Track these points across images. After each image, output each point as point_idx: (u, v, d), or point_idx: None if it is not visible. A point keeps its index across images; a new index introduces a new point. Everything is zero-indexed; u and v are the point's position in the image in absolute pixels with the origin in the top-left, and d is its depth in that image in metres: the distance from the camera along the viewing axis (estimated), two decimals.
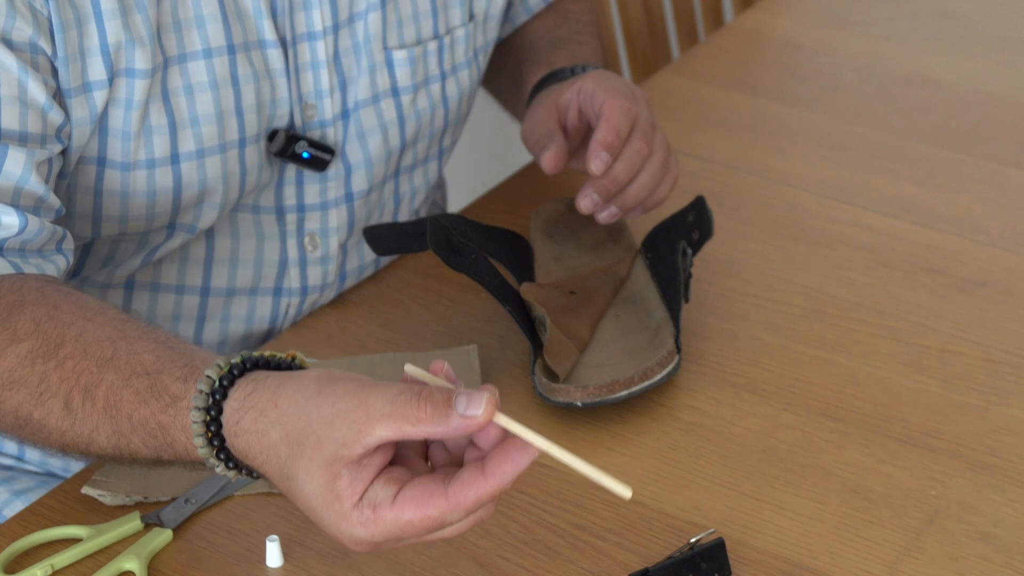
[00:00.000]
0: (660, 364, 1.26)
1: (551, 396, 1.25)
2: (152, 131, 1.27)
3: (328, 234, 1.40)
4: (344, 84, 1.36)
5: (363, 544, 0.98)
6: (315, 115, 1.35)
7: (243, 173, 1.32)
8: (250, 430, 1.00)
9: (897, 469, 1.23)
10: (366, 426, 0.95)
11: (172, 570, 1.15)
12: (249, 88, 1.30)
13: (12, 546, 1.16)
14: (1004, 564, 1.14)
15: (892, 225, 1.50)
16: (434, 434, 0.95)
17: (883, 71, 1.75)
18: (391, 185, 1.44)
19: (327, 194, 1.39)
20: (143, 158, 1.27)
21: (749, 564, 1.15)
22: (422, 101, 1.41)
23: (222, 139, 1.30)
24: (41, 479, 1.42)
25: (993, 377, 1.31)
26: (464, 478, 0.96)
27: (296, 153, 1.34)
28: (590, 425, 1.27)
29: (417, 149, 1.44)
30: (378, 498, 0.96)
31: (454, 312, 1.40)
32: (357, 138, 1.38)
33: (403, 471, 0.97)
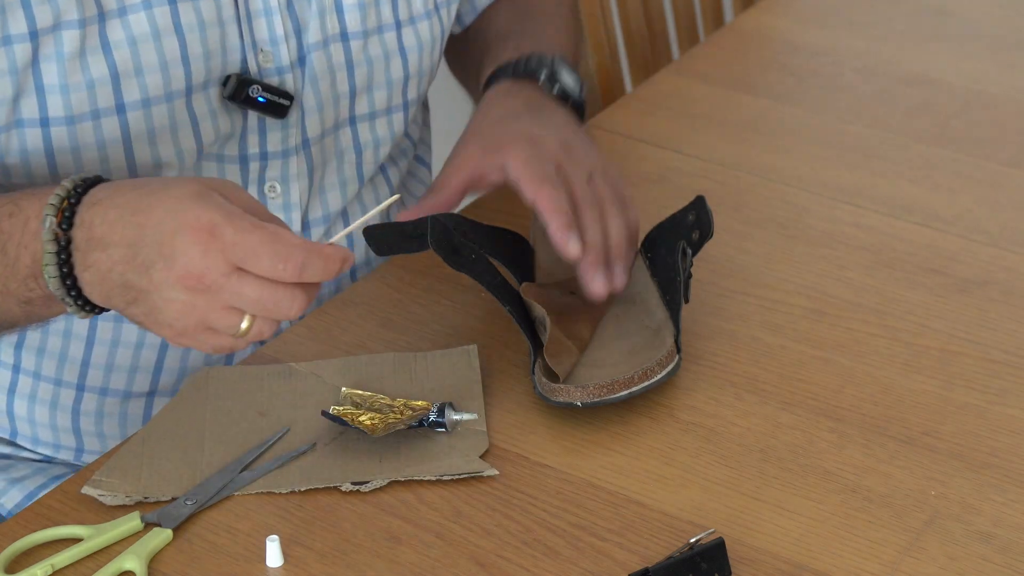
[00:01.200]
0: (660, 364, 1.26)
1: (551, 396, 1.25)
2: (94, 83, 1.27)
3: (288, 180, 1.41)
4: (299, 30, 1.37)
5: (204, 236, 1.09)
6: (271, 61, 1.36)
7: (194, 121, 1.33)
8: (100, 198, 1.12)
9: (897, 469, 1.23)
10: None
11: (172, 570, 1.15)
12: (194, 36, 1.31)
13: (12, 546, 1.16)
14: (1004, 564, 1.14)
15: (892, 225, 1.50)
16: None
17: (883, 71, 1.75)
18: (348, 133, 1.44)
19: (288, 141, 1.39)
20: (87, 110, 1.28)
21: (749, 564, 1.15)
22: (374, 48, 1.42)
23: (168, 88, 1.30)
24: (38, 466, 1.43)
25: (993, 377, 1.31)
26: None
27: (251, 98, 1.35)
28: (590, 425, 1.27)
29: (374, 97, 1.44)
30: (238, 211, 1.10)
31: (454, 312, 1.40)
32: (310, 82, 1.39)
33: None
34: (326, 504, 1.20)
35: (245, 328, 1.12)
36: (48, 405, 1.42)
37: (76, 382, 1.41)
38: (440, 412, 1.24)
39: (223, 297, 1.10)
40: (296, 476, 1.22)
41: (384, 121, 1.46)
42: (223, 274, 1.10)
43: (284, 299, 1.11)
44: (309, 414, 1.27)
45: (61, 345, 1.40)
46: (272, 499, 1.21)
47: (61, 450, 1.44)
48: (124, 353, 1.40)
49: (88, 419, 1.42)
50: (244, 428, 1.27)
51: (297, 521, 1.19)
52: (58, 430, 1.43)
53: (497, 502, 1.20)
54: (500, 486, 1.21)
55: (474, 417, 1.26)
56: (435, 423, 1.24)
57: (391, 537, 1.17)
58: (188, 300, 1.11)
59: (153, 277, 1.11)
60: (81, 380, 1.41)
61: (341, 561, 1.16)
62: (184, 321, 1.12)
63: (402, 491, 1.21)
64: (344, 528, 1.18)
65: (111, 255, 1.12)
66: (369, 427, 1.23)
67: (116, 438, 1.42)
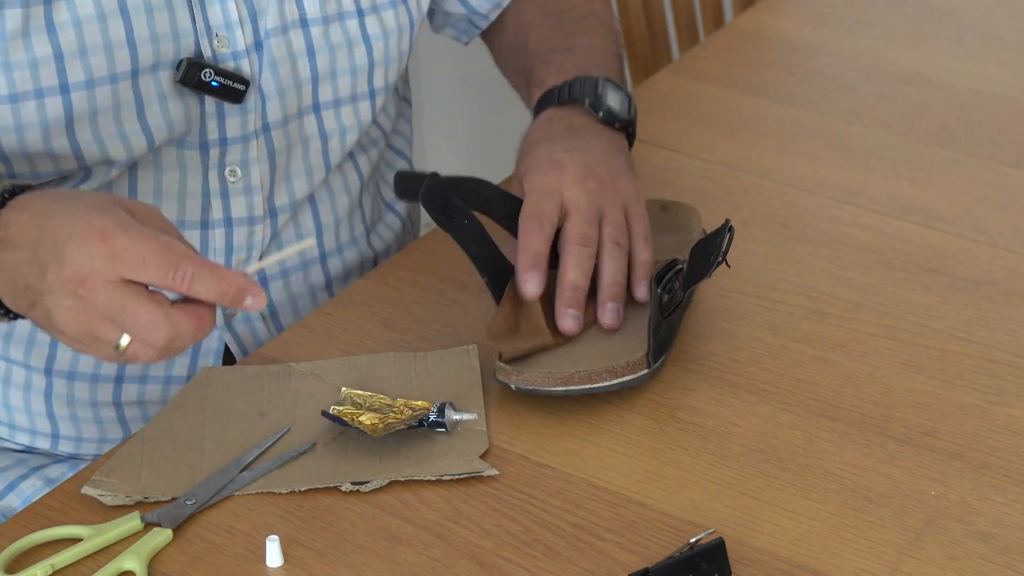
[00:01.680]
0: (610, 372, 1.26)
1: (496, 373, 1.27)
2: (37, 62, 1.28)
3: (248, 164, 1.41)
4: (255, 15, 1.37)
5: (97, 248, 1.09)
6: (227, 46, 1.36)
7: (139, 103, 1.33)
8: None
9: (897, 469, 1.23)
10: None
11: (172, 570, 1.15)
12: (141, 19, 1.31)
13: (12, 546, 1.16)
14: (1004, 564, 1.14)
15: (892, 225, 1.50)
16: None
17: (883, 71, 1.75)
18: (312, 119, 1.44)
19: (247, 126, 1.40)
20: (31, 88, 1.29)
21: (749, 564, 1.15)
22: (335, 35, 1.42)
23: (112, 70, 1.31)
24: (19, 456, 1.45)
25: (993, 377, 1.31)
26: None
27: (205, 82, 1.35)
28: (590, 425, 1.27)
29: (338, 84, 1.44)
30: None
31: (454, 312, 1.40)
32: (269, 67, 1.39)
33: None
34: (326, 504, 1.20)
35: (124, 345, 1.11)
36: (22, 388, 1.42)
37: (44, 367, 1.41)
38: (440, 412, 1.24)
39: (100, 305, 1.10)
40: (296, 476, 1.22)
41: (350, 109, 1.46)
42: (105, 280, 1.10)
43: (146, 323, 1.10)
44: (309, 414, 1.27)
45: (29, 329, 1.41)
46: (272, 499, 1.21)
47: (38, 437, 1.44)
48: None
49: (60, 402, 1.42)
50: (244, 428, 1.27)
51: (297, 521, 1.19)
52: (33, 414, 1.43)
53: (497, 502, 1.20)
54: (500, 486, 1.21)
55: (474, 417, 1.26)
56: (435, 423, 1.24)
57: (391, 537, 1.17)
58: (73, 306, 1.11)
59: (46, 279, 1.12)
60: (49, 364, 1.41)
61: (341, 561, 1.16)
62: (72, 328, 1.12)
63: (402, 491, 1.21)
64: (344, 528, 1.18)
65: (17, 255, 1.14)
66: (369, 427, 1.23)
67: (89, 421, 1.43)
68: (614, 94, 1.45)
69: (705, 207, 1.48)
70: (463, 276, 1.41)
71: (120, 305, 1.10)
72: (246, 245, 1.44)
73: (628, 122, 1.46)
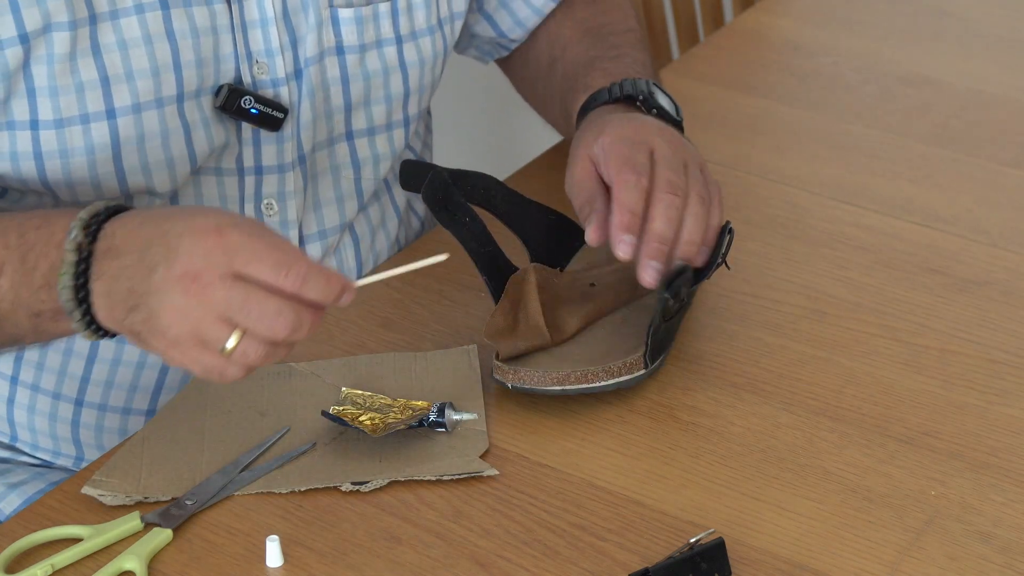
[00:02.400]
0: (607, 372, 1.26)
1: (494, 373, 1.27)
2: (84, 86, 1.27)
3: (285, 198, 1.40)
4: (295, 42, 1.36)
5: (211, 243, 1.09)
6: (267, 73, 1.35)
7: (186, 129, 1.32)
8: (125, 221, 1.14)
9: (897, 469, 1.23)
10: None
11: (172, 570, 1.15)
12: (187, 43, 1.30)
13: (12, 546, 1.16)
14: (1004, 564, 1.14)
15: (892, 225, 1.50)
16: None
17: (883, 71, 1.75)
18: (344, 147, 1.43)
19: (284, 156, 1.39)
20: (76, 113, 1.27)
21: (749, 564, 1.15)
22: (372, 62, 1.41)
23: (158, 94, 1.30)
24: (36, 471, 1.43)
25: (993, 377, 1.31)
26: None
27: (244, 109, 1.34)
28: (590, 425, 1.27)
29: (372, 112, 1.43)
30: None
31: (454, 312, 1.40)
32: (308, 96, 1.38)
33: None
34: (326, 504, 1.20)
35: (232, 345, 1.10)
36: (47, 416, 1.41)
37: (75, 397, 1.40)
38: (440, 412, 1.24)
39: (216, 300, 1.09)
40: (296, 476, 1.22)
41: (384, 137, 1.45)
42: (220, 275, 1.09)
43: (272, 312, 1.09)
44: (309, 414, 1.27)
45: (61, 361, 1.39)
46: (272, 499, 1.21)
47: (60, 456, 1.43)
48: (125, 372, 1.40)
49: (88, 431, 1.42)
50: (244, 428, 1.27)
51: (297, 521, 1.19)
52: (58, 439, 1.42)
53: (497, 502, 1.20)
54: (500, 486, 1.21)
55: (474, 417, 1.26)
56: (435, 423, 1.24)
57: (391, 537, 1.17)
58: (183, 303, 1.09)
59: (154, 278, 1.10)
60: (80, 396, 1.40)
61: (341, 561, 1.16)
62: (177, 328, 1.10)
63: (402, 491, 1.21)
64: (344, 528, 1.18)
65: (122, 261, 1.13)
66: (369, 427, 1.23)
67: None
68: (663, 96, 1.41)
69: None
70: (463, 276, 1.41)
71: (243, 297, 1.08)
72: None
73: (677, 123, 1.41)
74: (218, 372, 1.11)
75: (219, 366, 1.11)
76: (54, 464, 1.44)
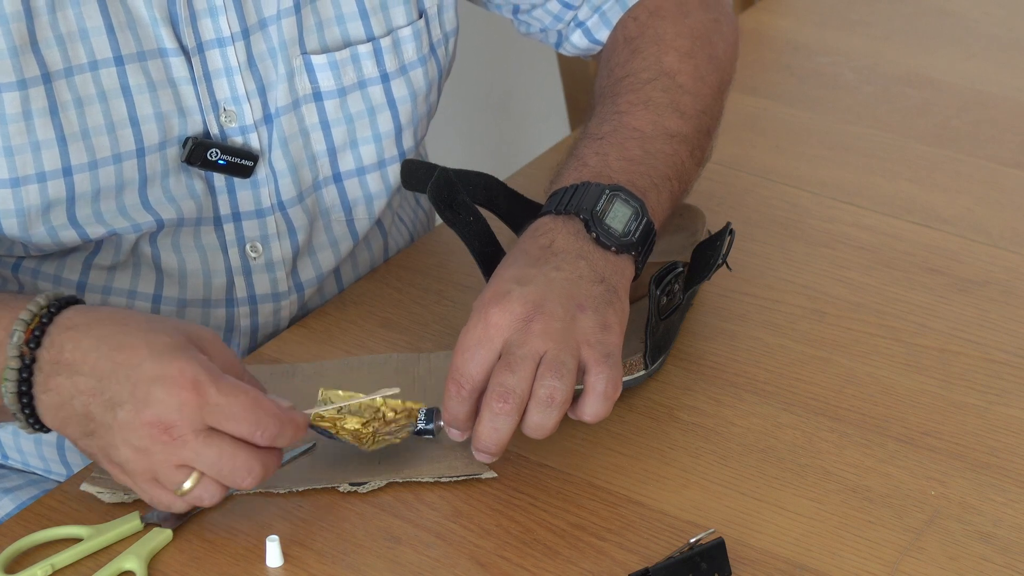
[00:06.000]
0: None
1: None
2: (40, 145, 1.25)
3: (268, 240, 1.38)
4: (263, 89, 1.34)
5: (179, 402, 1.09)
6: (235, 121, 1.33)
7: (143, 181, 1.30)
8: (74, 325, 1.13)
9: (897, 469, 1.23)
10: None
11: (172, 570, 1.15)
12: (144, 98, 1.28)
13: (12, 546, 1.16)
14: (1004, 564, 1.14)
15: (892, 225, 1.50)
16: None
17: (883, 71, 1.75)
18: (332, 190, 1.40)
19: (261, 201, 1.36)
20: (32, 172, 1.25)
21: (749, 564, 1.15)
22: (355, 104, 1.38)
23: (115, 150, 1.28)
24: (31, 478, 1.42)
25: (993, 377, 1.31)
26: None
27: (211, 161, 1.32)
28: (589, 425, 1.27)
29: (360, 153, 1.40)
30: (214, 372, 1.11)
31: (454, 312, 1.40)
32: (279, 144, 1.35)
33: None
34: (326, 504, 1.20)
35: (188, 488, 1.12)
36: (32, 440, 1.41)
37: None
38: (428, 419, 1.23)
39: (182, 453, 1.10)
40: (295, 476, 1.22)
41: (376, 176, 1.41)
42: (192, 431, 1.10)
43: (242, 467, 1.11)
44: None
45: None
46: (272, 499, 1.21)
47: (52, 474, 1.42)
48: None
49: (74, 452, 1.40)
50: None
51: (297, 521, 1.19)
52: (47, 460, 1.41)
53: (497, 502, 1.20)
54: (500, 486, 1.21)
55: None
56: (423, 431, 1.23)
57: (391, 537, 1.17)
58: (145, 447, 1.10)
59: (118, 415, 1.11)
60: None
61: (341, 561, 1.16)
62: (135, 466, 1.12)
63: (402, 491, 1.21)
64: (344, 528, 1.18)
65: (76, 383, 1.12)
66: (353, 438, 1.21)
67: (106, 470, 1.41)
68: (620, 210, 1.24)
69: (705, 207, 1.48)
70: (463, 276, 1.41)
71: (216, 455, 1.11)
72: (272, 322, 1.41)
73: (627, 245, 1.24)
74: (165, 505, 1.14)
75: (168, 501, 1.14)
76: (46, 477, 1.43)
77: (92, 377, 1.12)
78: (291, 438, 1.13)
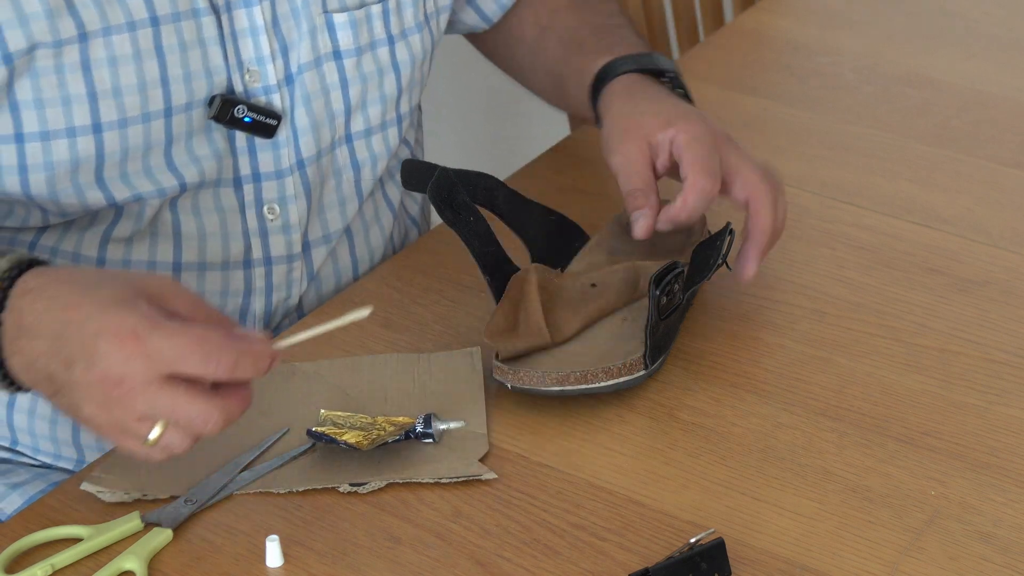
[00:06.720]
0: (607, 373, 1.26)
1: (494, 373, 1.27)
2: (71, 100, 1.27)
3: (286, 202, 1.40)
4: (286, 49, 1.36)
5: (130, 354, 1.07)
6: (258, 81, 1.35)
7: (169, 141, 1.32)
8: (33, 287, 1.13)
9: (897, 469, 1.23)
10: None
11: (172, 570, 1.15)
12: (174, 59, 1.30)
13: (12, 546, 1.16)
14: (1004, 564, 1.14)
15: (892, 225, 1.50)
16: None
17: (883, 71, 1.75)
18: (344, 150, 1.44)
19: (281, 162, 1.39)
20: (62, 127, 1.27)
21: (749, 564, 1.15)
22: (368, 64, 1.42)
23: (145, 109, 1.30)
24: (38, 471, 1.43)
25: (993, 377, 1.31)
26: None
27: (237, 118, 1.34)
28: (590, 425, 1.27)
29: (369, 114, 1.44)
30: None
31: (455, 312, 1.40)
32: (303, 102, 1.38)
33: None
34: (326, 504, 1.20)
35: (154, 438, 1.10)
36: (48, 420, 1.41)
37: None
38: (426, 423, 1.23)
39: (136, 406, 1.09)
40: (295, 476, 1.22)
41: (380, 137, 1.46)
42: (144, 381, 1.08)
43: (200, 414, 1.09)
44: (309, 414, 1.27)
45: None
46: (272, 499, 1.21)
47: (61, 460, 1.43)
48: None
49: (89, 433, 1.41)
50: (244, 428, 1.26)
51: (297, 521, 1.19)
52: (59, 442, 1.42)
53: (497, 502, 1.20)
54: (500, 486, 1.21)
55: (461, 424, 1.25)
56: (422, 434, 1.23)
57: (391, 537, 1.17)
58: (105, 402, 1.10)
59: (74, 374, 1.10)
60: None
61: (341, 561, 1.16)
62: (100, 419, 1.11)
63: (401, 491, 1.21)
64: (344, 528, 1.18)
65: (36, 346, 1.12)
66: (355, 443, 1.22)
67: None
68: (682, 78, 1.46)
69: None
70: (463, 276, 1.41)
71: (169, 405, 1.09)
72: (285, 283, 1.44)
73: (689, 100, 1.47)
74: (142, 456, 1.12)
75: (142, 452, 1.12)
76: (55, 466, 1.44)
77: (47, 338, 1.11)
78: (254, 367, 1.10)
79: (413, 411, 1.26)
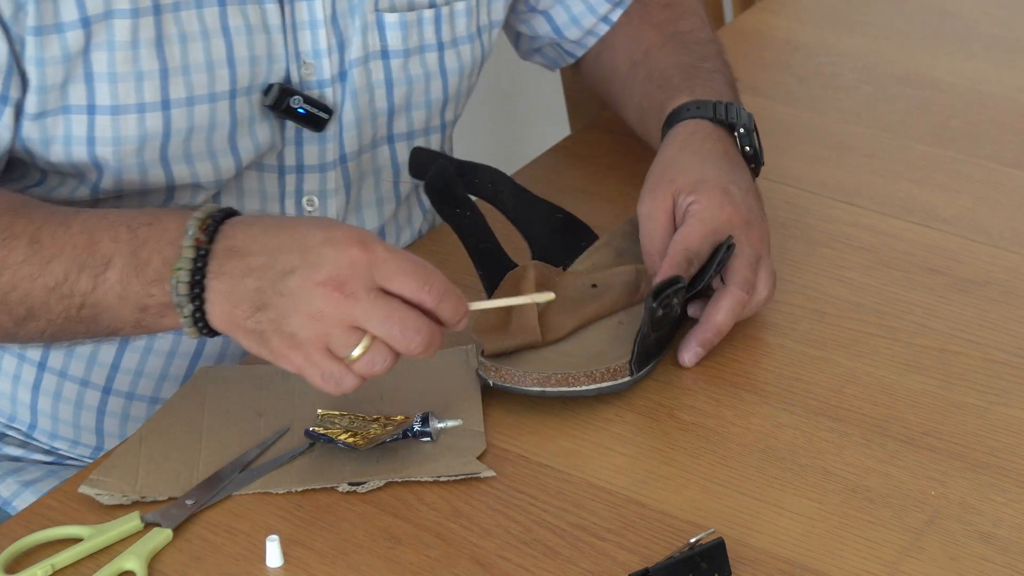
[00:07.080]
0: (589, 377, 1.26)
1: (478, 369, 1.28)
2: (143, 75, 1.28)
3: (326, 196, 1.42)
4: (342, 45, 1.38)
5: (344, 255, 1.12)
6: (313, 74, 1.36)
7: (233, 124, 1.33)
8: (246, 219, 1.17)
9: (897, 469, 1.23)
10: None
11: (172, 570, 1.15)
12: (241, 40, 1.31)
13: (12, 546, 1.16)
14: (1004, 564, 1.14)
15: (892, 225, 1.50)
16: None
17: (883, 71, 1.75)
18: (385, 151, 1.45)
19: (325, 155, 1.40)
20: (133, 102, 1.29)
21: (749, 564, 1.15)
22: (415, 67, 1.42)
23: (211, 88, 1.31)
24: (50, 469, 1.43)
25: (993, 377, 1.31)
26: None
27: (291, 108, 1.35)
28: (590, 425, 1.27)
29: (412, 117, 1.45)
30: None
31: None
32: (350, 97, 1.39)
33: None
34: (325, 504, 1.20)
35: (358, 353, 1.13)
36: (72, 404, 1.42)
37: (103, 384, 1.41)
38: (424, 422, 1.23)
39: (355, 311, 1.12)
40: (294, 476, 1.22)
41: (422, 142, 1.47)
42: (364, 287, 1.12)
43: (411, 326, 1.13)
44: (308, 414, 1.27)
45: (91, 348, 1.40)
46: (272, 499, 1.21)
47: (79, 447, 1.44)
48: (155, 361, 1.41)
49: (113, 419, 1.42)
50: (243, 428, 1.27)
51: (297, 521, 1.19)
52: (80, 428, 1.43)
53: (497, 502, 1.20)
54: (500, 486, 1.21)
55: (459, 423, 1.25)
56: (420, 432, 1.23)
57: (391, 537, 1.17)
58: (319, 308, 1.12)
59: (289, 282, 1.13)
60: (108, 383, 1.41)
61: (341, 561, 1.16)
62: (307, 332, 1.13)
63: (401, 491, 1.21)
64: (344, 528, 1.18)
65: (249, 262, 1.15)
66: (353, 443, 1.22)
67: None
68: (756, 135, 1.44)
69: None
70: (462, 276, 1.41)
71: (386, 311, 1.12)
72: None
73: (758, 169, 1.44)
74: (336, 379, 1.15)
75: (339, 373, 1.14)
76: (69, 457, 1.44)
77: (263, 255, 1.15)
78: (453, 311, 1.15)
79: (410, 410, 1.26)
